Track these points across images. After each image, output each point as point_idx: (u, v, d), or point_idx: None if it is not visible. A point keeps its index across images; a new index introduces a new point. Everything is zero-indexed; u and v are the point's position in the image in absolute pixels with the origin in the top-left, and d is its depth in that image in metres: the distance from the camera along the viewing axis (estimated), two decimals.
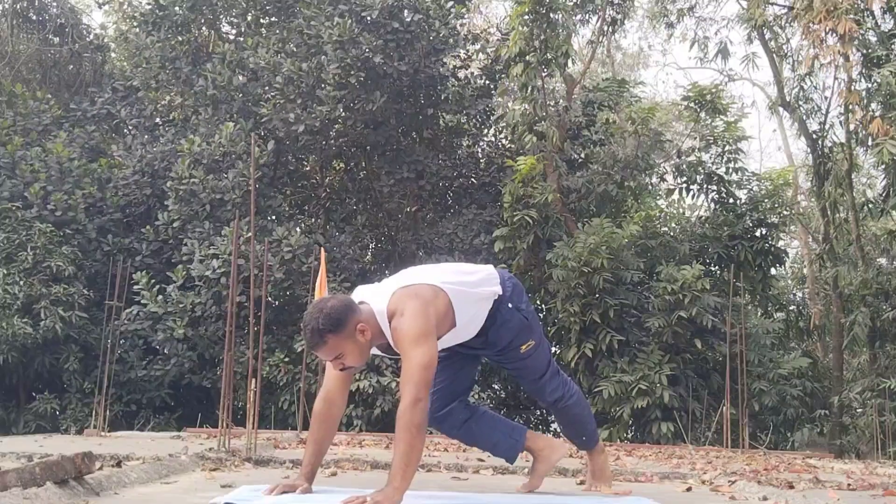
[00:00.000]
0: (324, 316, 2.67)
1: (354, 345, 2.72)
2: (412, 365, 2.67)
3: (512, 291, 3.13)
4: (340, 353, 2.71)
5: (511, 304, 3.09)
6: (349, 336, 2.70)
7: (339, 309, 2.70)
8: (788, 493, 3.26)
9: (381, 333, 2.78)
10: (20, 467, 2.43)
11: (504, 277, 3.16)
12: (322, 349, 2.71)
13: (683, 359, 10.07)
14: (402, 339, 2.70)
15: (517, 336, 3.12)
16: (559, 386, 3.30)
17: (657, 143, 11.21)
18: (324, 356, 2.77)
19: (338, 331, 2.67)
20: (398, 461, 2.52)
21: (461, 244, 11.75)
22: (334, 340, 2.68)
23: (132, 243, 11.52)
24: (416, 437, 2.56)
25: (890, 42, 10.59)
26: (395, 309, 2.74)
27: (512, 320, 3.09)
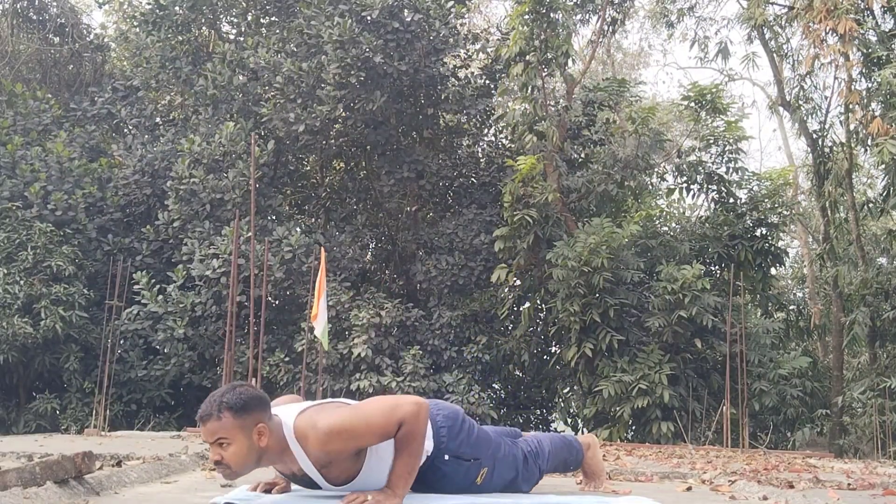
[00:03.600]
0: (234, 393, 2.43)
1: (245, 442, 2.41)
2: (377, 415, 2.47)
3: (447, 438, 2.76)
4: (225, 441, 2.40)
5: (448, 455, 2.76)
6: (245, 428, 2.41)
7: (252, 396, 2.45)
8: (788, 492, 3.26)
9: (281, 451, 2.49)
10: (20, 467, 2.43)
11: (437, 423, 2.76)
12: (212, 424, 2.40)
13: (683, 358, 10.07)
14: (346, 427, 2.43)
15: (465, 478, 2.82)
16: (533, 471, 3.07)
17: (657, 142, 11.21)
18: (207, 435, 2.42)
19: (238, 414, 2.40)
20: (400, 468, 2.51)
21: (461, 244, 11.75)
22: (229, 423, 2.39)
23: (132, 243, 11.53)
24: (421, 444, 2.56)
25: (890, 42, 10.59)
26: (305, 431, 2.46)
27: (454, 471, 2.78)
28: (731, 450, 7.73)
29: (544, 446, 3.15)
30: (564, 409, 13.86)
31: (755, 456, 6.95)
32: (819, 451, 9.57)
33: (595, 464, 3.33)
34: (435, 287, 11.68)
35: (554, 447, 3.18)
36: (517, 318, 11.74)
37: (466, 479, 2.83)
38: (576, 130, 12.51)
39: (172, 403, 10.94)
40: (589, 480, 3.33)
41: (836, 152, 12.65)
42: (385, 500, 2.45)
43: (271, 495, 2.68)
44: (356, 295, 11.15)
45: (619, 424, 9.60)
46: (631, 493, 3.22)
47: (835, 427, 11.39)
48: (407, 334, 11.18)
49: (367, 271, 13.42)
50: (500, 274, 10.68)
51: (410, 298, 12.32)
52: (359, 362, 10.43)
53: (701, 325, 9.82)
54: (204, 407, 2.45)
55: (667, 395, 9.29)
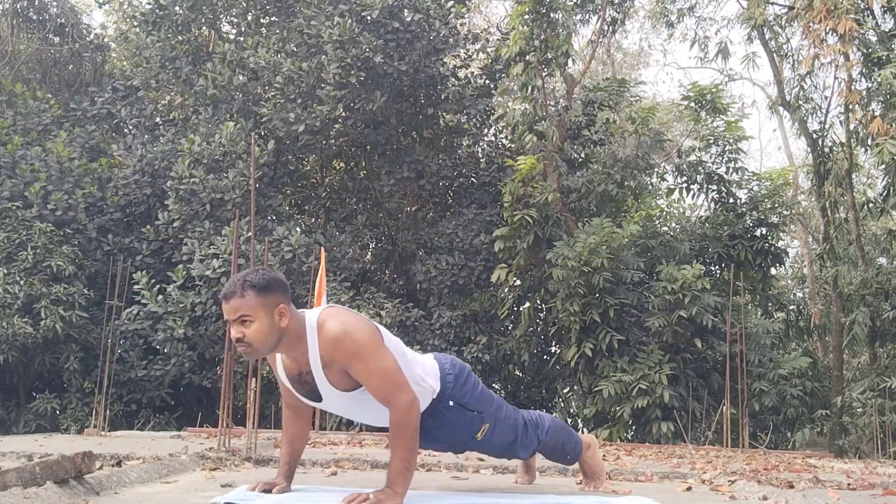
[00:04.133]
0: (258, 274, 2.50)
1: (266, 320, 2.47)
2: (384, 370, 2.52)
3: (454, 384, 2.84)
4: (248, 318, 2.46)
5: (453, 402, 2.83)
6: (267, 307, 2.47)
7: (274, 277, 2.53)
8: (788, 492, 3.26)
9: (298, 338, 2.54)
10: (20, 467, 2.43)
11: (445, 369, 2.85)
12: (235, 301, 2.46)
13: (683, 358, 10.07)
14: (357, 346, 2.50)
15: (467, 429, 2.88)
16: (532, 438, 3.11)
17: (657, 142, 11.21)
18: (231, 313, 2.48)
19: (261, 293, 2.46)
20: (398, 465, 2.51)
21: (461, 244, 11.75)
22: (252, 300, 2.45)
23: (132, 243, 11.53)
24: (415, 439, 2.55)
25: (890, 42, 10.59)
26: (325, 321, 2.53)
27: (456, 419, 2.85)
28: (731, 450, 7.72)
29: (544, 419, 3.20)
30: (564, 409, 13.87)
31: (755, 456, 6.95)
32: (819, 451, 9.57)
33: (595, 464, 3.33)
34: (435, 287, 11.68)
35: (554, 424, 3.22)
36: (517, 318, 11.74)
37: (468, 431, 2.88)
38: (576, 130, 12.51)
39: (172, 403, 10.94)
40: (589, 481, 3.33)
41: (836, 152, 12.65)
42: (386, 500, 2.44)
43: (271, 495, 2.68)
44: (356, 295, 11.15)
45: (619, 424, 9.60)
46: (631, 493, 3.22)
47: (835, 427, 11.39)
48: (407, 334, 11.17)
49: (367, 271, 13.42)
50: (500, 274, 10.68)
51: (410, 298, 12.32)
52: None
53: (701, 325, 9.82)
54: (228, 286, 2.52)
55: (667, 395, 9.29)
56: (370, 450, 5.65)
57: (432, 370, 2.84)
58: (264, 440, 5.46)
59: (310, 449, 5.37)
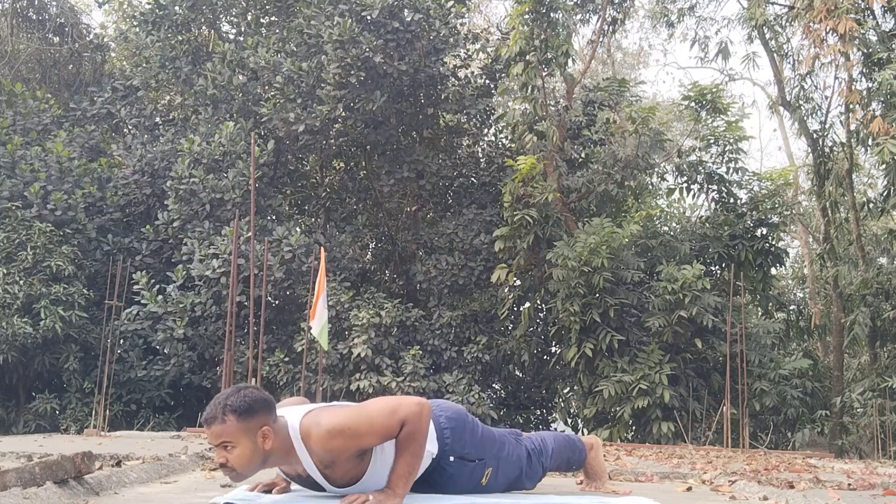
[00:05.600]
0: (238, 396, 2.43)
1: (249, 444, 2.41)
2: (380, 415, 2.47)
3: (452, 440, 2.76)
4: (231, 444, 2.40)
5: (453, 457, 2.76)
6: (250, 431, 2.40)
7: (256, 399, 2.44)
8: (789, 492, 3.25)
9: (286, 452, 2.49)
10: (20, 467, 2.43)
11: (441, 424, 2.76)
12: (216, 427, 2.40)
13: (684, 358, 10.06)
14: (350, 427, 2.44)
15: (471, 479, 2.82)
16: (536, 468, 3.07)
17: (657, 142, 11.20)
18: (212, 438, 2.43)
19: (243, 418, 2.39)
20: (402, 468, 2.50)
21: (461, 244, 11.75)
22: (234, 425, 2.39)
23: (132, 243, 11.52)
24: (422, 446, 2.55)
25: (890, 42, 10.59)
26: (308, 431, 2.47)
27: (459, 472, 2.78)
28: (731, 450, 7.72)
29: (548, 444, 3.15)
30: (564, 409, 13.86)
31: (755, 456, 6.95)
32: (819, 451, 9.57)
33: (597, 465, 3.33)
34: (435, 287, 11.68)
35: (557, 445, 3.19)
36: (517, 318, 11.73)
37: (472, 480, 2.83)
38: (576, 130, 12.50)
39: (172, 403, 10.94)
40: (590, 481, 3.33)
41: (837, 152, 12.64)
42: (386, 500, 2.44)
43: (271, 495, 2.68)
44: (356, 295, 11.15)
45: (620, 424, 9.60)
46: (631, 493, 3.22)
47: (835, 427, 11.38)
48: (407, 334, 11.17)
49: (367, 271, 13.42)
50: (500, 274, 10.67)
51: (410, 298, 12.32)
52: (359, 362, 10.42)
53: (701, 325, 9.81)
54: (209, 410, 2.44)
55: (667, 396, 9.29)
56: None
57: (429, 433, 2.72)
58: None
59: None
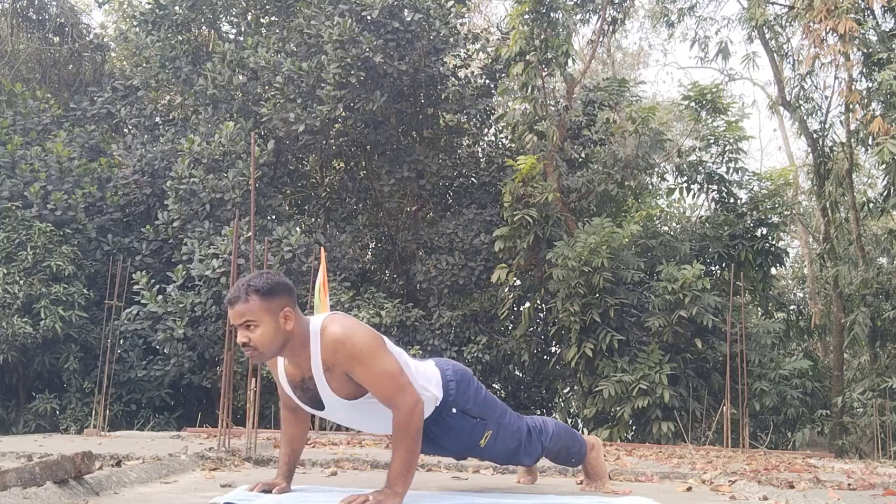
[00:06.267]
0: (261, 278, 2.51)
1: (272, 323, 2.48)
2: (387, 373, 2.52)
3: (456, 391, 2.83)
4: (253, 322, 2.48)
5: (456, 409, 2.83)
6: (272, 311, 2.48)
7: (278, 281, 2.54)
8: (789, 492, 3.25)
9: (302, 343, 2.55)
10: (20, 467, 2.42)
11: (447, 376, 2.84)
12: (240, 306, 2.48)
13: (684, 358, 10.06)
14: (359, 349, 2.51)
15: (470, 436, 2.88)
16: (536, 445, 3.10)
17: (657, 142, 11.20)
18: (236, 317, 2.50)
19: (265, 297, 2.48)
20: (399, 466, 2.51)
21: (461, 244, 11.75)
22: (257, 304, 2.47)
23: (132, 243, 11.52)
24: (417, 441, 2.55)
25: (890, 42, 10.58)
26: (328, 325, 2.54)
27: (459, 426, 2.85)
28: (731, 450, 7.72)
29: (548, 425, 3.19)
30: (564, 409, 13.87)
31: (755, 456, 6.95)
32: (819, 451, 9.57)
33: (597, 465, 3.33)
34: (435, 287, 11.68)
35: (558, 429, 3.21)
36: (517, 318, 11.73)
37: (471, 437, 2.87)
38: (576, 130, 12.50)
39: (172, 403, 10.93)
40: (590, 481, 3.33)
41: (837, 152, 12.64)
42: (385, 500, 2.43)
43: (271, 495, 2.68)
44: (356, 295, 11.15)
45: (620, 424, 9.60)
46: (631, 493, 3.22)
47: (835, 427, 11.38)
48: (407, 334, 11.17)
49: (367, 271, 13.42)
50: (500, 274, 10.67)
51: (410, 298, 12.32)
52: None
53: (701, 325, 9.81)
54: (232, 291, 2.53)
55: (667, 395, 9.29)
56: (370, 450, 5.65)
57: (434, 378, 2.82)
58: (264, 440, 5.46)
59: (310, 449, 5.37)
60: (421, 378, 2.75)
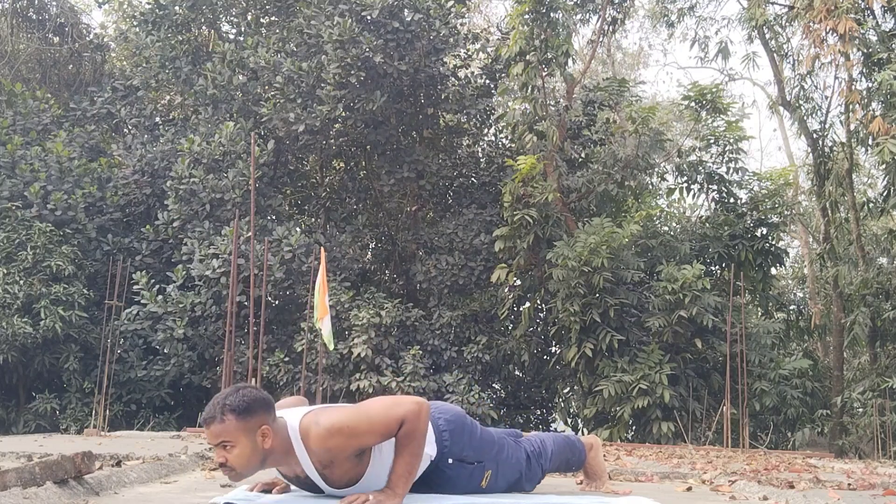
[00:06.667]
0: (237, 396, 2.42)
1: (249, 444, 2.41)
2: (378, 414, 2.48)
3: (451, 442, 2.76)
4: (230, 444, 2.40)
5: (452, 459, 2.76)
6: (249, 430, 2.40)
7: (255, 398, 2.44)
8: (789, 492, 3.25)
9: (285, 452, 2.49)
10: (20, 467, 2.43)
11: (440, 426, 2.77)
12: (216, 426, 2.40)
13: (684, 358, 10.06)
14: (348, 426, 2.44)
15: (470, 482, 2.83)
16: (536, 471, 3.08)
17: (657, 142, 11.20)
18: (213, 438, 2.42)
19: (242, 417, 2.39)
20: (402, 469, 2.51)
21: (461, 244, 11.75)
22: (233, 424, 2.39)
23: (132, 243, 11.52)
24: (421, 445, 2.56)
25: (890, 42, 10.58)
26: (308, 430, 2.47)
27: (458, 475, 2.79)
28: (731, 450, 7.72)
29: (547, 446, 3.16)
30: (564, 409, 13.86)
31: (755, 456, 6.95)
32: (819, 451, 9.57)
33: (597, 465, 3.33)
34: (435, 287, 11.68)
35: (557, 447, 3.19)
36: (517, 318, 11.73)
37: (471, 482, 2.84)
38: (576, 130, 12.50)
39: (172, 403, 10.94)
40: (590, 481, 3.33)
41: (837, 152, 12.64)
42: (386, 500, 2.44)
43: (271, 495, 2.68)
44: (356, 295, 11.15)
45: (620, 424, 9.60)
46: (631, 493, 3.22)
47: (835, 427, 11.38)
48: (407, 334, 11.17)
49: (367, 271, 13.42)
50: (500, 274, 10.67)
51: (410, 298, 12.32)
52: (359, 362, 10.42)
53: (701, 325, 9.81)
54: (208, 409, 2.45)
55: (667, 395, 9.29)
56: None
57: (428, 435, 2.72)
58: None
59: None
60: None
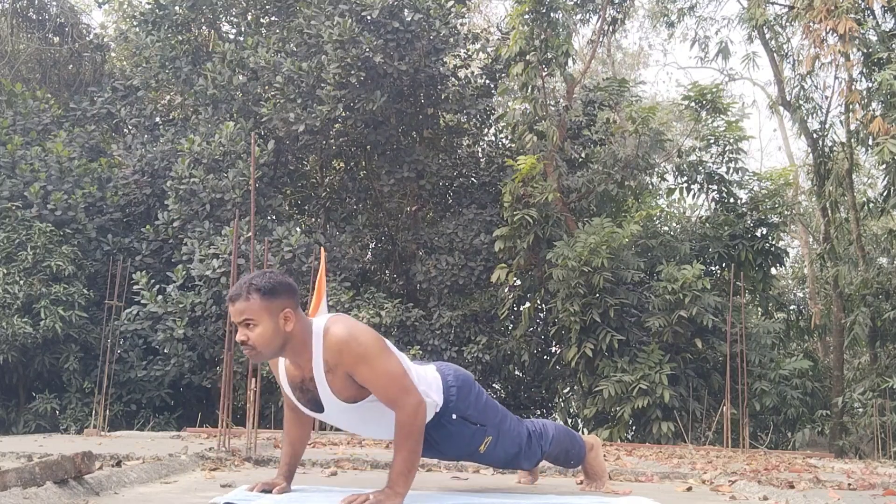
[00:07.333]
0: (264, 277, 2.50)
1: (271, 324, 2.46)
2: (390, 373, 2.52)
3: (457, 397, 2.81)
4: (253, 321, 2.46)
5: (456, 415, 2.81)
6: (272, 311, 2.47)
7: (281, 281, 2.52)
8: (789, 492, 3.25)
9: (302, 344, 2.53)
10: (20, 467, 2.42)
11: (448, 381, 2.82)
12: (241, 304, 2.47)
13: (684, 358, 10.06)
14: (364, 349, 2.50)
15: (469, 442, 2.87)
16: (535, 450, 3.10)
17: (657, 142, 11.20)
18: (236, 315, 2.49)
19: (267, 296, 2.46)
20: (401, 466, 2.51)
21: (461, 244, 11.75)
22: (257, 303, 2.45)
23: (132, 243, 11.52)
24: (419, 442, 2.55)
25: (890, 42, 10.58)
26: (331, 326, 2.52)
27: (459, 432, 2.83)
28: (731, 450, 7.72)
29: (548, 429, 3.18)
30: (564, 409, 13.86)
31: (755, 456, 6.95)
32: (819, 451, 9.57)
33: (597, 465, 3.33)
34: (435, 287, 11.68)
35: (558, 433, 3.21)
36: (517, 318, 11.73)
37: (471, 443, 2.86)
38: (576, 130, 12.50)
39: (172, 403, 10.93)
40: (590, 481, 3.33)
41: (837, 152, 12.64)
42: (386, 500, 2.43)
43: (271, 495, 2.68)
44: (356, 295, 11.15)
45: (620, 424, 9.60)
46: (631, 493, 3.22)
47: (835, 427, 11.38)
48: (407, 334, 11.17)
49: (367, 271, 13.42)
50: (500, 274, 10.67)
51: (410, 298, 12.32)
52: None
53: (701, 325, 9.81)
54: (234, 288, 2.52)
55: (667, 395, 9.29)
56: (370, 450, 5.64)
57: (435, 383, 2.80)
58: (264, 440, 5.46)
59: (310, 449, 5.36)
60: (422, 383, 2.73)
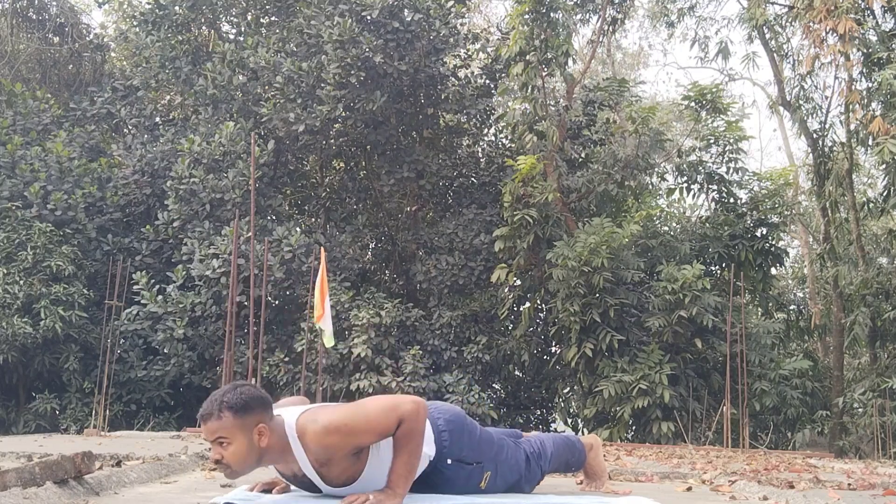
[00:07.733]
0: (235, 393, 2.42)
1: (245, 441, 2.40)
2: (376, 412, 2.47)
3: (450, 442, 2.75)
4: (226, 440, 2.40)
5: (451, 460, 2.75)
6: (246, 428, 2.40)
7: (252, 396, 2.44)
8: (789, 492, 3.25)
9: (282, 450, 2.48)
10: (20, 467, 2.42)
11: (439, 427, 2.76)
12: (213, 423, 2.40)
13: (684, 358, 10.06)
14: (346, 424, 2.44)
15: (468, 482, 2.82)
16: (535, 472, 3.07)
17: (657, 142, 11.20)
18: (208, 434, 2.42)
19: (239, 414, 2.39)
20: (401, 468, 2.51)
21: (461, 244, 11.75)
22: (230, 421, 2.39)
23: (132, 243, 11.52)
24: (420, 444, 2.55)
25: (890, 42, 10.58)
26: (304, 428, 2.46)
27: (457, 475, 2.78)
28: (731, 450, 7.72)
29: (547, 447, 3.15)
30: (564, 409, 13.86)
31: (755, 456, 6.95)
32: (819, 451, 9.57)
33: (597, 465, 3.32)
34: (435, 287, 11.68)
35: (556, 448, 3.18)
36: (517, 318, 11.73)
37: (469, 483, 2.83)
38: (576, 130, 12.50)
39: (172, 403, 10.94)
40: (590, 481, 3.32)
41: (837, 152, 12.64)
42: (386, 500, 2.44)
43: (271, 495, 2.68)
44: (356, 295, 11.15)
45: (620, 424, 9.60)
46: (631, 493, 3.22)
47: (835, 427, 11.38)
48: (407, 334, 11.17)
49: (367, 271, 13.42)
50: (500, 274, 10.67)
51: (410, 298, 12.32)
52: (359, 362, 10.42)
53: (701, 325, 9.81)
54: (205, 406, 2.45)
55: (667, 395, 9.29)
56: None
57: (427, 435, 2.71)
58: None
59: None
60: None
